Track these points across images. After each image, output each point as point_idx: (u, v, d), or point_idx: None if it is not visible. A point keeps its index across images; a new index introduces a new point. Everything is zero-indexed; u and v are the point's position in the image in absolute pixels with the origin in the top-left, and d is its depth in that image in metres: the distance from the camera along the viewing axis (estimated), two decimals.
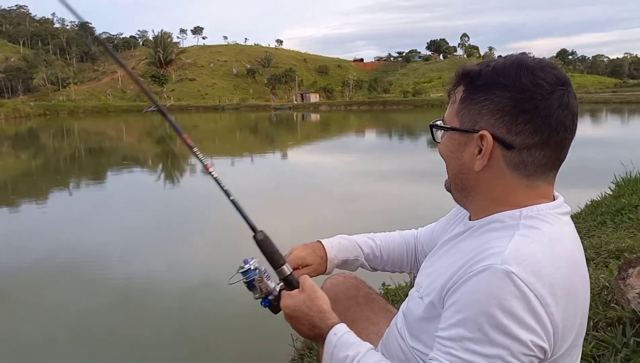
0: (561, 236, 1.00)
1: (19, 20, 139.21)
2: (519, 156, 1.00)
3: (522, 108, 0.98)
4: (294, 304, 1.21)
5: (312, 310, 1.18)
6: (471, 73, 1.06)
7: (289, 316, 1.21)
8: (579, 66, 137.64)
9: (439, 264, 1.14)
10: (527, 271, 0.90)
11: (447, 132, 1.10)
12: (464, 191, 1.10)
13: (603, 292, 2.35)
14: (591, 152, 17.13)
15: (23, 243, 7.31)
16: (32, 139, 32.96)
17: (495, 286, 0.89)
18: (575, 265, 0.99)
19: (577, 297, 0.97)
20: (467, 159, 1.05)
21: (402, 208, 8.51)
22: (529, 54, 1.04)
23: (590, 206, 5.61)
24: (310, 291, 1.21)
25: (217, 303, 5.05)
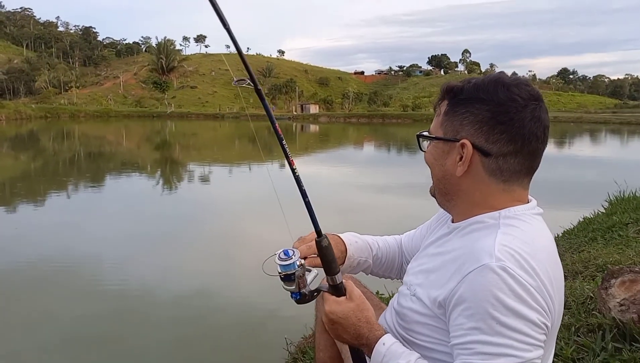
0: (538, 233, 1.11)
1: (24, 22, 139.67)
2: (495, 162, 1.11)
3: (498, 120, 1.10)
4: (342, 312, 1.23)
5: (361, 320, 1.22)
6: (454, 89, 1.18)
7: (333, 321, 1.24)
8: (580, 86, 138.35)
9: (427, 264, 1.24)
10: (518, 265, 0.99)
11: (432, 142, 1.22)
12: (447, 195, 1.21)
13: (587, 301, 2.44)
14: (589, 171, 17.29)
15: (17, 246, 7.31)
16: (32, 141, 33.00)
17: (495, 282, 0.98)
18: (553, 257, 1.10)
19: (557, 285, 1.07)
20: (450, 165, 1.16)
21: (398, 220, 8.58)
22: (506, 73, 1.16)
23: (583, 222, 5.72)
24: (359, 301, 1.24)
25: (210, 310, 5.09)
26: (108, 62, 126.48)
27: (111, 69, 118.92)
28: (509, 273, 0.98)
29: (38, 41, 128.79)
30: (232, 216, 9.50)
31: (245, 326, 4.74)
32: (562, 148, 28.59)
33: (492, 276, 0.98)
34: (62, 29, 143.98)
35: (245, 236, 7.82)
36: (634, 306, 2.06)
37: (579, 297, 2.57)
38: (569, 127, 52.07)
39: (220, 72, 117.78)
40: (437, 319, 1.12)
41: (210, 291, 5.59)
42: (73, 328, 4.75)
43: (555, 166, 18.63)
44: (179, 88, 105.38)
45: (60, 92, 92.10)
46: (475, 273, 1.01)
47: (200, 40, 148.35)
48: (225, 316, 4.93)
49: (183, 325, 4.81)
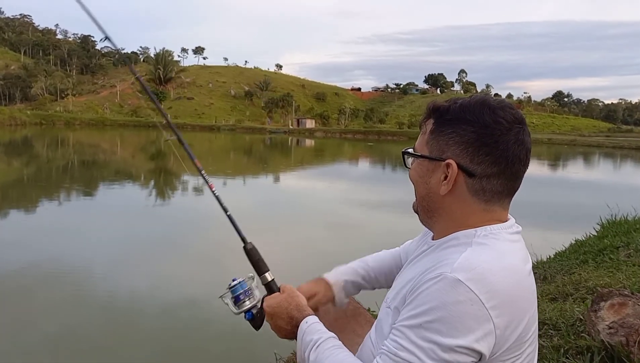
0: (509, 251, 1.12)
1: (22, 29, 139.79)
2: (479, 183, 1.13)
3: (483, 142, 1.11)
4: (275, 302, 1.37)
5: (291, 304, 1.35)
6: (441, 108, 1.20)
7: (270, 314, 1.37)
8: (574, 109, 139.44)
9: (403, 277, 1.27)
10: (474, 279, 1.00)
11: (417, 159, 1.24)
12: (429, 212, 1.24)
13: (576, 323, 2.44)
14: (581, 194, 17.37)
15: (6, 252, 7.27)
16: (25, 147, 32.90)
17: (445, 291, 1.00)
18: (520, 276, 1.10)
19: (521, 304, 1.06)
20: (434, 184, 1.18)
21: (391, 236, 8.58)
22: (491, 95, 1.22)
23: (575, 244, 5.72)
24: (290, 291, 1.39)
25: (199, 322, 5.06)
26: (105, 71, 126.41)
27: (108, 78, 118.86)
28: (460, 286, 0.99)
29: (36, 48, 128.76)
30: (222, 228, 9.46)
31: (233, 339, 4.71)
32: (555, 170, 28.76)
33: (441, 285, 1.01)
34: (61, 37, 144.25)
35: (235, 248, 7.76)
36: (622, 330, 2.07)
37: (568, 319, 2.58)
38: (563, 149, 52.42)
39: (218, 85, 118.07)
40: None
41: (199, 303, 5.56)
42: (60, 336, 4.73)
43: (548, 188, 18.74)
44: (176, 99, 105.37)
45: (56, 100, 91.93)
46: (430, 280, 1.04)
47: (198, 52, 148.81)
48: (214, 328, 4.90)
49: (171, 336, 4.78)
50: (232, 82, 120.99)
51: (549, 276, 4.33)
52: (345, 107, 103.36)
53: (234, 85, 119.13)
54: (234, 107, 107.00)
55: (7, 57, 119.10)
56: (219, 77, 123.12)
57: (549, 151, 47.47)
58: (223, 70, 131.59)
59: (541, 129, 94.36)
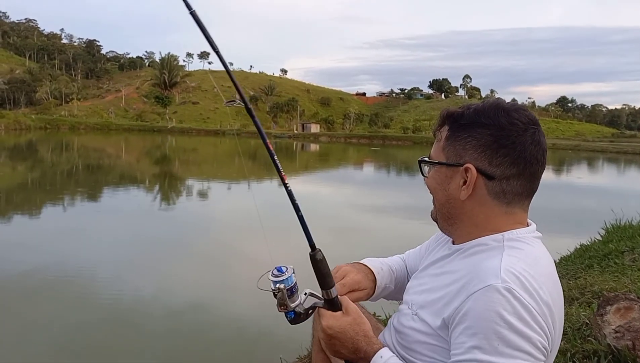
0: (540, 255, 1.12)
1: (27, 33, 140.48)
2: (499, 185, 1.13)
3: (501, 143, 1.12)
4: (339, 326, 1.22)
5: (359, 334, 1.22)
6: (454, 114, 1.21)
7: (331, 336, 1.23)
8: (578, 114, 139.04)
9: (430, 284, 1.24)
10: (523, 287, 1.00)
11: (434, 167, 1.24)
12: (450, 219, 1.23)
13: (583, 327, 2.44)
14: (586, 199, 17.32)
15: (12, 255, 7.30)
16: (30, 151, 33.03)
17: (500, 303, 0.98)
18: (553, 280, 1.11)
19: (558, 308, 1.08)
20: (453, 190, 1.18)
21: (396, 241, 8.57)
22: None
23: (580, 249, 5.72)
24: (356, 315, 1.24)
25: (204, 325, 5.06)
26: (111, 76, 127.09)
27: (113, 83, 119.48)
28: (514, 294, 0.98)
29: (41, 52, 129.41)
30: (228, 232, 9.49)
31: (239, 343, 4.71)
32: (560, 174, 28.67)
33: (497, 296, 0.99)
34: (66, 41, 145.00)
35: (241, 252, 7.80)
36: (628, 334, 2.07)
37: (574, 323, 2.58)
38: (567, 154, 52.26)
39: (223, 89, 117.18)
40: (439, 338, 1.12)
41: (204, 306, 5.56)
42: (66, 338, 4.74)
43: (553, 193, 18.67)
44: (181, 103, 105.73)
45: (61, 104, 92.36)
46: (481, 293, 1.01)
47: (203, 56, 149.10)
48: (219, 332, 4.91)
49: (176, 339, 4.78)
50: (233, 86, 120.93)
51: None
52: (350, 112, 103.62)
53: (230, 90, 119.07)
54: (239, 112, 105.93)
55: (12, 62, 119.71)
56: (224, 81, 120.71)
57: (553, 156, 47.33)
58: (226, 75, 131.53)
59: (545, 134, 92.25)
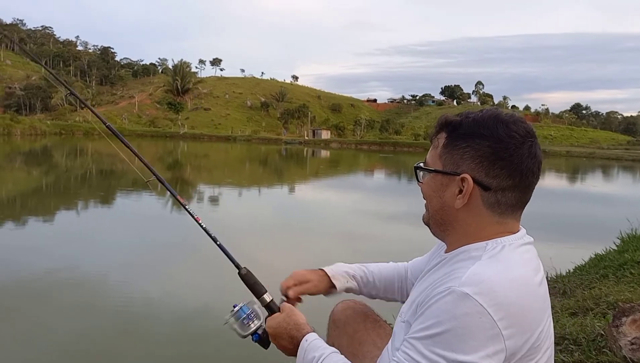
0: (519, 262, 1.13)
1: (44, 40, 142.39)
2: (494, 196, 1.15)
3: (499, 155, 1.13)
4: (275, 323, 1.40)
5: (290, 324, 1.38)
6: (453, 123, 1.22)
7: (273, 335, 1.40)
8: (593, 121, 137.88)
9: (416, 290, 1.28)
10: (482, 292, 1.01)
11: (430, 174, 1.24)
12: (442, 226, 1.25)
13: (597, 339, 2.39)
14: (601, 207, 17.13)
15: (23, 259, 7.32)
16: (45, 156, 33.38)
17: (453, 304, 1.02)
18: (530, 287, 1.10)
19: (532, 315, 1.07)
20: (448, 198, 1.19)
21: (404, 248, 8.52)
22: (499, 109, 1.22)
23: (594, 259, 5.65)
24: (288, 311, 1.42)
25: (213, 331, 5.04)
26: (124, 82, 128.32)
27: (127, 89, 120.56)
28: (468, 300, 1.00)
29: (57, 59, 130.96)
30: (237, 238, 9.48)
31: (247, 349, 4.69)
32: (574, 182, 28.44)
33: (449, 298, 1.02)
34: (81, 48, 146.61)
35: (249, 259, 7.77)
36: None
37: (589, 334, 2.52)
38: (581, 162, 51.83)
39: (234, 95, 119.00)
40: None
41: (212, 311, 5.54)
42: (74, 342, 4.75)
43: (567, 201, 18.53)
44: (193, 110, 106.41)
45: (75, 110, 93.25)
46: (439, 295, 1.05)
47: (215, 63, 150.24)
48: (228, 338, 4.88)
49: (184, 344, 4.77)
50: (248, 93, 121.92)
51: (568, 291, 4.26)
52: (361, 118, 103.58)
53: (250, 96, 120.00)
54: (250, 118, 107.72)
55: (28, 68, 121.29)
56: (236, 88, 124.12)
57: (567, 164, 46.98)
58: (240, 81, 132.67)
59: (559, 141, 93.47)
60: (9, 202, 13.48)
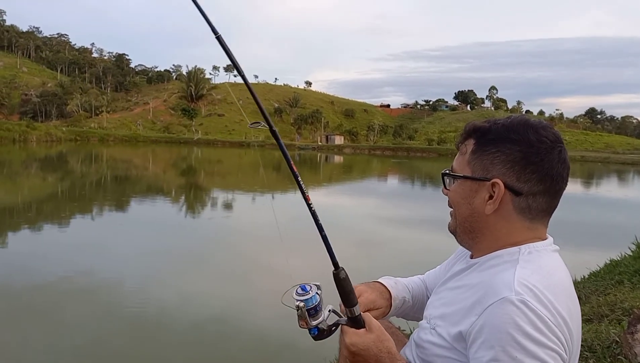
0: (555, 268, 1.12)
1: (59, 47, 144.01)
2: (525, 201, 1.14)
3: (530, 160, 1.13)
4: (363, 343, 1.23)
5: (382, 351, 1.22)
6: (482, 129, 1.21)
7: (354, 354, 1.24)
8: (608, 126, 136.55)
9: (447, 298, 1.25)
10: (537, 299, 1.00)
11: (458, 180, 1.23)
12: (472, 233, 1.23)
13: (612, 345, 2.37)
14: (616, 213, 16.95)
15: (41, 264, 7.43)
16: (61, 162, 33.73)
17: (515, 314, 0.99)
18: (569, 292, 1.11)
19: (575, 319, 1.08)
20: (478, 204, 1.18)
21: (419, 254, 8.49)
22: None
23: (610, 265, 5.57)
24: (379, 332, 1.25)
25: (227, 337, 5.07)
26: (139, 89, 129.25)
27: (141, 95, 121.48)
28: (529, 306, 0.99)
29: (72, 66, 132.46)
30: (252, 244, 9.52)
31: (261, 357, 4.70)
32: (589, 188, 28.15)
33: (511, 308, 0.99)
34: (96, 55, 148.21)
35: (264, 265, 7.82)
36: None
37: (604, 341, 2.51)
38: (596, 167, 51.31)
39: (248, 101, 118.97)
40: (457, 352, 1.13)
41: (227, 318, 5.58)
42: (91, 346, 4.80)
43: (582, 207, 18.33)
44: (207, 116, 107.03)
45: (90, 116, 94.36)
46: (495, 306, 1.02)
47: (229, 69, 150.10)
48: (242, 344, 4.90)
49: (199, 350, 4.80)
50: (262, 99, 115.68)
51: (583, 297, 4.22)
52: (374, 123, 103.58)
53: (263, 102, 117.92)
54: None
55: (44, 75, 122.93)
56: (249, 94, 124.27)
57: (582, 169, 46.52)
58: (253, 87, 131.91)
59: (574, 146, 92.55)
60: (26, 209, 13.65)
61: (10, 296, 5.98)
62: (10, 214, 12.48)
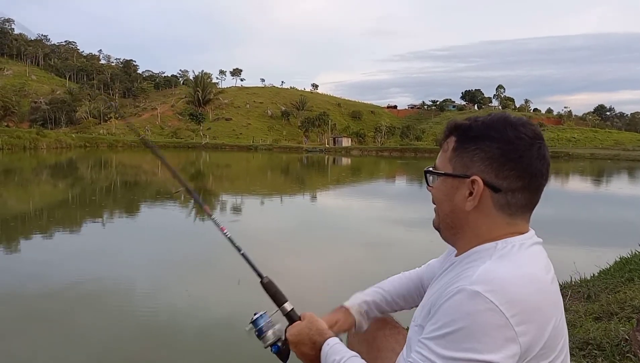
0: (528, 261, 1.14)
1: (67, 55, 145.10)
2: (504, 198, 1.17)
3: (508, 157, 1.15)
4: (297, 330, 1.42)
5: (312, 330, 1.40)
6: (462, 126, 1.24)
7: (294, 342, 1.41)
8: (617, 123, 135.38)
9: (428, 295, 1.31)
10: (492, 290, 1.02)
11: (440, 178, 1.26)
12: (453, 229, 1.26)
13: (621, 343, 2.37)
14: (626, 210, 16.82)
15: (52, 271, 7.47)
16: (71, 169, 33.94)
17: (464, 303, 1.03)
18: (541, 284, 1.11)
19: (543, 312, 1.08)
20: (459, 200, 1.21)
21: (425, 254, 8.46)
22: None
23: (620, 262, 5.56)
24: (310, 318, 1.44)
25: (238, 341, 5.08)
26: (147, 94, 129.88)
27: (149, 101, 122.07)
28: (480, 298, 1.01)
29: (80, 73, 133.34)
30: (260, 247, 9.54)
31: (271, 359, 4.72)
32: (599, 185, 27.97)
33: (461, 297, 1.04)
34: (104, 62, 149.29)
35: (273, 269, 7.82)
36: None
37: (613, 339, 2.50)
38: (606, 164, 50.94)
39: (255, 105, 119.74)
40: None
41: (237, 321, 5.59)
42: (103, 352, 4.82)
43: (592, 204, 18.25)
44: (214, 120, 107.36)
45: (99, 123, 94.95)
46: (452, 295, 1.06)
47: (236, 73, 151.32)
48: (253, 349, 4.92)
49: (209, 353, 4.83)
50: (269, 102, 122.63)
51: (592, 295, 4.21)
52: (382, 125, 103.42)
53: (270, 105, 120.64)
54: (271, 127, 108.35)
55: (53, 83, 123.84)
56: (256, 97, 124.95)
57: (592, 166, 46.24)
58: (260, 91, 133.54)
59: (583, 144, 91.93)
60: (37, 215, 13.76)
61: (22, 303, 6.03)
62: (21, 221, 12.59)
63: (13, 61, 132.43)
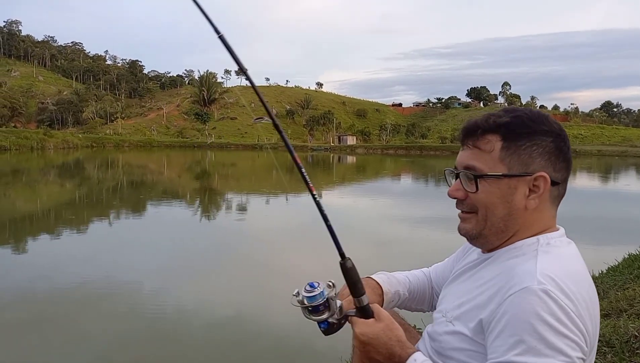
0: (572, 258, 1.14)
1: (74, 56, 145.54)
2: (557, 190, 1.18)
3: (561, 150, 1.17)
4: (372, 332, 1.23)
5: (392, 339, 1.22)
6: (509, 124, 1.17)
7: (365, 343, 1.23)
8: (624, 119, 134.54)
9: (463, 290, 1.26)
10: (559, 289, 1.01)
11: (489, 180, 1.17)
12: (503, 233, 1.19)
13: (631, 340, 2.36)
14: (634, 207, 16.75)
15: (60, 271, 7.51)
16: (78, 169, 34.08)
17: (537, 304, 0.99)
18: (589, 281, 1.12)
19: (594, 308, 1.09)
20: (518, 200, 1.16)
21: (432, 253, 8.46)
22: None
23: (628, 259, 5.52)
24: (388, 321, 1.25)
25: (244, 338, 5.09)
26: (152, 94, 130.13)
27: (155, 101, 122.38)
28: (551, 296, 0.99)
29: (87, 74, 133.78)
30: (267, 246, 9.56)
31: (278, 355, 4.73)
32: (606, 182, 27.84)
33: (533, 298, 1.00)
34: (110, 62, 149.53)
35: (279, 266, 7.85)
36: None
37: (622, 336, 2.49)
38: (613, 161, 50.72)
39: (260, 104, 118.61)
40: (475, 344, 1.13)
41: (244, 319, 5.60)
42: (110, 349, 4.86)
43: (600, 201, 18.16)
44: (220, 119, 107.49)
45: (106, 123, 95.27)
46: (517, 296, 1.02)
47: (240, 73, 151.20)
48: (259, 345, 4.92)
49: (217, 351, 4.84)
50: (273, 101, 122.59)
51: (601, 292, 4.19)
52: (387, 123, 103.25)
53: (275, 104, 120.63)
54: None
55: (60, 84, 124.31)
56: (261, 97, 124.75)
57: (599, 163, 46.03)
58: (265, 90, 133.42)
59: (590, 140, 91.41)
60: (45, 215, 13.83)
61: (31, 302, 6.07)
62: (30, 221, 12.65)
63: (20, 62, 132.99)
